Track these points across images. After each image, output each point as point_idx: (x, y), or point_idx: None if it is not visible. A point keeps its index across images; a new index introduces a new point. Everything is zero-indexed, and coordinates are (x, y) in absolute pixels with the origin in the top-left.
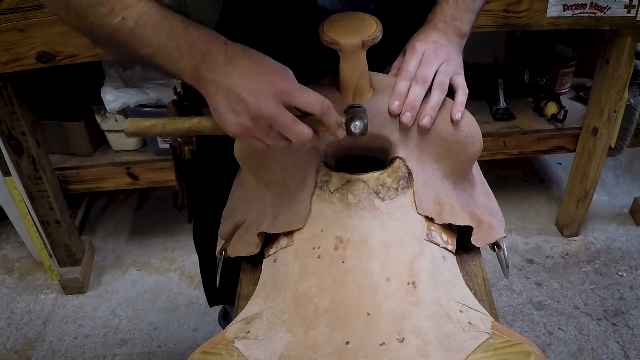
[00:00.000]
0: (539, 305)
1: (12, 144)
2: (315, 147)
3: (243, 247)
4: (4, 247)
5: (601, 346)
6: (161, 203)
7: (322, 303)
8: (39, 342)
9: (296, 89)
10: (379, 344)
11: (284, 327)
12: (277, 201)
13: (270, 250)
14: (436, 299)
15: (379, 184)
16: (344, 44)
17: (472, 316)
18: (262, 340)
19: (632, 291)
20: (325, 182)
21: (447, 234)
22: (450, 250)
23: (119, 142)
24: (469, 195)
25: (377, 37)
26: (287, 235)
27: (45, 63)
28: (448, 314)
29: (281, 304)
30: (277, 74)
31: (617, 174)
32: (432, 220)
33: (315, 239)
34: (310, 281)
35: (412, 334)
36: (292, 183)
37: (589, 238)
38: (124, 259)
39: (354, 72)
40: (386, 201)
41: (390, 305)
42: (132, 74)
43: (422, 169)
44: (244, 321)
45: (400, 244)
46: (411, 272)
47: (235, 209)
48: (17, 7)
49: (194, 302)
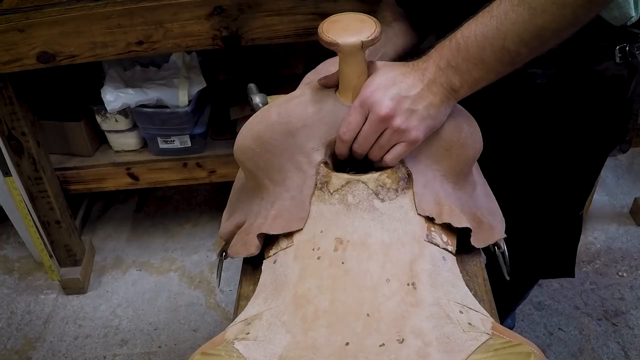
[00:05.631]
0: (539, 305)
1: (12, 144)
2: (313, 147)
3: (243, 248)
4: (4, 247)
5: (601, 346)
6: (161, 203)
7: (322, 304)
8: (39, 342)
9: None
10: (379, 344)
11: (283, 328)
12: (277, 202)
13: (270, 251)
14: (436, 299)
15: (379, 184)
16: (343, 45)
17: (472, 317)
18: (262, 341)
19: (632, 291)
20: (324, 183)
21: (447, 234)
22: (450, 250)
23: (119, 142)
24: (468, 196)
25: (377, 38)
26: (286, 236)
27: (45, 63)
28: (448, 315)
29: (281, 304)
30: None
31: (617, 174)
32: (431, 220)
33: (315, 239)
34: (309, 282)
35: (411, 334)
36: (291, 184)
37: (589, 238)
38: (124, 259)
39: (353, 73)
40: (386, 202)
41: (389, 306)
42: (132, 74)
43: (421, 170)
44: (243, 322)
45: (399, 244)
46: (411, 273)
47: (235, 209)
48: (17, 7)
49: (194, 302)
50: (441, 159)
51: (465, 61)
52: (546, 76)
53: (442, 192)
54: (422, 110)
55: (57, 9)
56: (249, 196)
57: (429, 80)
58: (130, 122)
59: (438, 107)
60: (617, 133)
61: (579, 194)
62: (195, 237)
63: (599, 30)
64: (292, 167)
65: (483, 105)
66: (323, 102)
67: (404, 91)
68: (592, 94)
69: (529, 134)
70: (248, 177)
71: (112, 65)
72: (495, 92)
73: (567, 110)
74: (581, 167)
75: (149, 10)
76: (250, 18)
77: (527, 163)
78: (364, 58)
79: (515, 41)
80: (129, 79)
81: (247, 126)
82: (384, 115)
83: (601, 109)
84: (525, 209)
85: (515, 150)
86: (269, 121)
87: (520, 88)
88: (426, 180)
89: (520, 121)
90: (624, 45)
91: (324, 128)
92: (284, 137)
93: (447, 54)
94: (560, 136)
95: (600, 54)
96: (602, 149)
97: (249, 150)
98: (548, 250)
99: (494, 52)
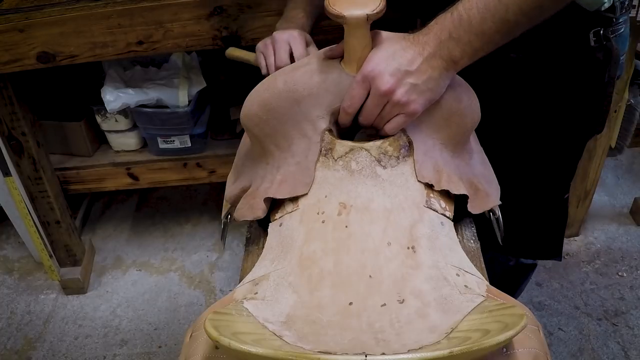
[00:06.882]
0: (539, 305)
1: (12, 144)
2: (319, 115)
3: (249, 211)
4: (4, 247)
5: (601, 346)
6: (161, 203)
7: (326, 265)
8: (39, 342)
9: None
10: (380, 304)
11: (290, 288)
12: (282, 167)
13: (276, 215)
14: (434, 262)
15: (381, 152)
16: (349, 17)
17: (468, 279)
18: (270, 301)
19: (632, 291)
20: (329, 150)
21: (445, 200)
22: (447, 216)
23: (119, 142)
24: (466, 163)
25: (382, 11)
26: (292, 200)
27: (45, 63)
28: (445, 277)
29: (287, 266)
30: None
31: (617, 174)
32: (431, 187)
33: (320, 204)
34: (314, 244)
35: (411, 295)
36: (296, 150)
37: (589, 238)
38: (124, 259)
39: (358, 45)
40: (387, 169)
41: (390, 268)
42: (132, 74)
43: (422, 138)
44: (251, 282)
45: (400, 209)
46: (411, 237)
47: (241, 173)
48: (17, 7)
49: (194, 302)
50: (441, 128)
51: (467, 32)
52: (522, 60)
53: (441, 160)
54: (421, 84)
55: (57, 9)
56: (254, 161)
57: (428, 54)
58: (130, 122)
59: (437, 80)
60: (595, 115)
61: (562, 177)
62: (195, 237)
63: (572, 14)
64: (297, 134)
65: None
66: (328, 72)
67: (404, 65)
68: (568, 77)
69: (509, 115)
70: (254, 143)
71: (112, 65)
72: (475, 76)
73: (546, 93)
74: (562, 149)
75: (149, 10)
76: (250, 18)
77: (510, 144)
78: (368, 31)
79: (515, 12)
80: (129, 79)
81: (254, 93)
82: (385, 91)
83: (578, 92)
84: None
85: (496, 131)
86: (275, 89)
87: (499, 71)
88: (426, 149)
89: (500, 102)
90: (599, 29)
91: (329, 97)
92: (290, 104)
93: (449, 25)
94: (539, 118)
95: (574, 38)
96: (581, 131)
97: (255, 117)
98: (534, 230)
99: (495, 23)
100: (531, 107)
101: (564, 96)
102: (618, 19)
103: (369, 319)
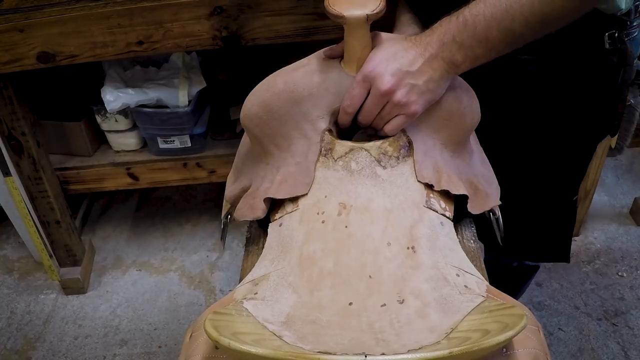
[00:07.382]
0: (539, 305)
1: (12, 144)
2: (318, 115)
3: (249, 211)
4: (4, 247)
5: (601, 346)
6: (161, 203)
7: (326, 265)
8: (39, 342)
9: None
10: (380, 304)
11: (290, 288)
12: (282, 167)
13: (276, 215)
14: (434, 262)
15: (381, 152)
16: (349, 18)
17: (468, 280)
18: (269, 301)
19: (632, 291)
20: (329, 150)
21: (445, 200)
22: (447, 216)
23: (119, 142)
24: (466, 163)
25: (382, 11)
26: (292, 200)
27: (45, 63)
28: (445, 277)
29: (287, 266)
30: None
31: (617, 174)
32: (431, 187)
33: (319, 204)
34: (314, 244)
35: (411, 295)
36: (296, 150)
37: (589, 238)
38: (124, 259)
39: (358, 45)
40: (387, 169)
41: (390, 268)
42: (132, 74)
43: (421, 138)
44: (251, 282)
45: (400, 210)
46: (411, 237)
47: (241, 173)
48: (17, 7)
49: (194, 302)
50: (441, 128)
51: (471, 38)
52: (536, 62)
53: (441, 160)
54: (421, 85)
55: (57, 9)
56: (254, 161)
57: (430, 55)
58: (130, 122)
59: (437, 82)
60: (608, 118)
61: (571, 179)
62: (195, 237)
63: (588, 16)
64: (297, 134)
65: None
66: (328, 72)
67: (405, 66)
68: (582, 79)
69: (522, 117)
70: (254, 143)
71: (112, 65)
72: (487, 78)
73: (559, 95)
74: (573, 151)
75: (149, 10)
76: (250, 18)
77: (520, 146)
78: (368, 31)
79: (521, 23)
80: (129, 79)
81: (254, 94)
82: (385, 91)
83: (591, 94)
84: (518, 190)
85: (507, 133)
86: (275, 89)
87: (511, 73)
88: (426, 149)
89: (512, 104)
90: (613, 31)
91: (329, 97)
92: (289, 105)
93: (454, 29)
94: (552, 120)
95: (590, 40)
96: (593, 133)
97: (255, 117)
98: (542, 233)
99: (500, 31)
100: (544, 109)
101: (577, 98)
102: (632, 23)
103: (369, 319)
